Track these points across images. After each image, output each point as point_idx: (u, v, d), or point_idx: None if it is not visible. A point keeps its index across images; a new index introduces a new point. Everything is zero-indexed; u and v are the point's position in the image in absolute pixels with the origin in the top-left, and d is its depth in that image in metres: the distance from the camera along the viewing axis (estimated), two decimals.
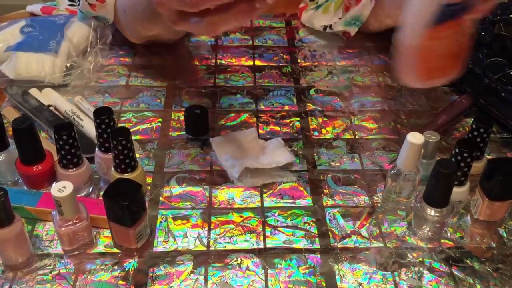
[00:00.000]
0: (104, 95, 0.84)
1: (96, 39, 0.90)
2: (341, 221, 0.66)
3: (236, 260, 0.61)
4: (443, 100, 0.86)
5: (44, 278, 0.58)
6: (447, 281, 0.59)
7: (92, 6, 0.83)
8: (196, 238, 0.63)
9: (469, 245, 0.63)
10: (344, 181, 0.71)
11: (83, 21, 0.89)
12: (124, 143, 0.61)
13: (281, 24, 1.04)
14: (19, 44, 0.85)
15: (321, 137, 0.78)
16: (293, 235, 0.64)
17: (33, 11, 1.00)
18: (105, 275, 0.59)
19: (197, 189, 0.69)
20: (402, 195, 0.65)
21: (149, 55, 0.92)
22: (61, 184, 0.56)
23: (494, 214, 0.65)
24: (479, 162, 0.67)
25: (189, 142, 0.76)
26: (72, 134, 0.62)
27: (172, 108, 0.83)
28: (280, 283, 0.58)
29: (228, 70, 0.91)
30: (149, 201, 0.67)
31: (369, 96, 0.86)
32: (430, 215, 0.61)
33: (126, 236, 0.59)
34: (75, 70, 0.86)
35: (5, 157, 0.66)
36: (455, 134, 0.80)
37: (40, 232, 0.63)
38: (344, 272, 0.60)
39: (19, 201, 0.63)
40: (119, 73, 0.90)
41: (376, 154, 0.75)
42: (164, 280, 0.58)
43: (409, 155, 0.61)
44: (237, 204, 0.67)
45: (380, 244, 0.63)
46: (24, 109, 0.77)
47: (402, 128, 0.80)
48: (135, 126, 0.79)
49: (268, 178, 0.70)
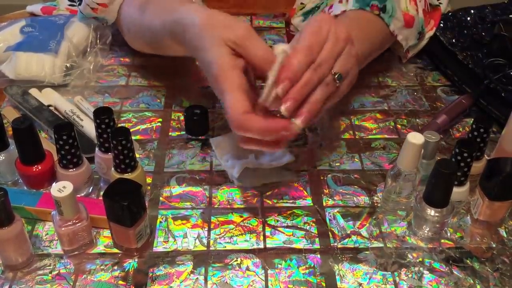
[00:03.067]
0: (104, 95, 0.84)
1: (96, 39, 0.90)
2: (341, 221, 0.66)
3: (236, 260, 0.61)
4: (443, 100, 0.86)
5: (44, 278, 0.58)
6: (447, 281, 0.59)
7: (94, 10, 0.83)
8: (196, 238, 0.63)
9: (469, 245, 0.63)
10: (344, 181, 0.71)
11: (83, 21, 0.88)
12: (124, 143, 0.61)
13: (281, 24, 1.04)
14: (19, 44, 0.85)
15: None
16: (293, 235, 0.64)
17: (33, 11, 1.00)
18: (105, 275, 0.59)
19: (197, 189, 0.69)
20: (402, 195, 0.65)
21: (149, 55, 0.92)
22: (61, 184, 0.56)
23: (494, 214, 0.65)
24: (479, 162, 0.67)
25: (189, 142, 0.76)
26: (72, 134, 0.62)
27: (172, 108, 0.83)
28: (280, 283, 0.58)
29: None
30: (149, 201, 0.67)
31: (369, 96, 0.86)
32: (430, 215, 0.61)
33: (126, 236, 0.59)
34: (75, 70, 0.86)
35: (5, 157, 0.66)
36: (455, 134, 0.80)
37: (40, 232, 0.63)
38: (344, 272, 0.60)
39: (19, 201, 0.63)
40: (119, 73, 0.90)
41: (376, 154, 0.75)
42: (164, 280, 0.58)
43: (409, 155, 0.61)
44: (237, 204, 0.67)
45: (380, 244, 0.63)
46: (24, 109, 0.77)
47: (402, 128, 0.80)
48: (135, 126, 0.79)
49: (268, 178, 0.70)
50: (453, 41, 0.89)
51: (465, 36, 0.90)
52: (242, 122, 0.57)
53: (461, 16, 0.93)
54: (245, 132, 0.58)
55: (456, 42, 0.89)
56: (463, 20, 0.93)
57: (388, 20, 0.77)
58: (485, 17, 0.93)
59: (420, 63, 0.94)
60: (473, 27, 0.91)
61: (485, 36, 0.89)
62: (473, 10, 0.94)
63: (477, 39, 0.89)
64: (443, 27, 0.91)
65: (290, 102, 0.58)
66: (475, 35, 0.89)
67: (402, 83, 0.90)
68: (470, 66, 0.84)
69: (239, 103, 0.57)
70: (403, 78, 0.91)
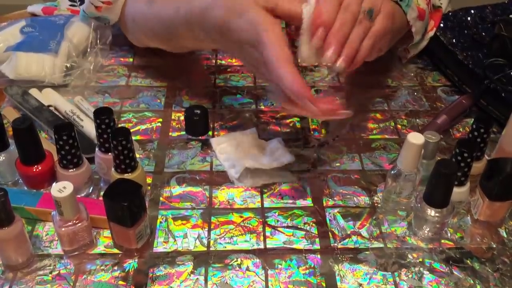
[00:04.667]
0: (104, 95, 0.84)
1: (96, 39, 0.90)
2: (341, 221, 0.66)
3: (236, 261, 0.61)
4: (443, 100, 0.86)
5: (44, 278, 0.58)
6: (447, 281, 0.59)
7: (98, 8, 0.83)
8: (196, 239, 0.63)
9: (470, 246, 0.63)
10: (344, 181, 0.71)
11: (84, 20, 0.88)
12: (124, 143, 0.61)
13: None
14: (19, 44, 0.85)
15: (321, 137, 0.78)
16: (293, 236, 0.64)
17: (34, 11, 1.00)
18: (105, 276, 0.59)
19: (197, 189, 0.69)
20: (402, 195, 0.65)
21: (149, 55, 0.92)
22: (61, 184, 0.56)
23: (494, 215, 0.65)
24: (479, 162, 0.67)
25: (189, 142, 0.76)
26: (72, 134, 0.62)
27: (172, 108, 0.83)
28: (280, 283, 0.58)
29: (228, 70, 0.91)
30: (149, 201, 0.67)
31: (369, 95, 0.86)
32: (430, 215, 0.61)
33: (126, 236, 0.59)
34: (75, 70, 0.86)
35: (5, 157, 0.66)
36: (455, 134, 0.80)
37: (40, 232, 0.63)
38: (344, 272, 0.60)
39: (19, 202, 0.63)
40: (119, 73, 0.90)
41: (376, 154, 0.75)
42: (164, 281, 0.58)
43: (409, 155, 0.61)
44: (237, 204, 0.67)
45: (381, 244, 0.63)
46: (24, 109, 0.77)
47: (402, 128, 0.80)
48: (135, 126, 0.79)
49: (268, 178, 0.70)
50: (453, 41, 0.89)
51: (465, 36, 0.90)
52: (305, 96, 0.58)
53: (461, 16, 0.93)
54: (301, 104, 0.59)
55: (456, 42, 0.89)
56: (463, 20, 0.93)
57: (405, 9, 0.77)
58: (485, 17, 0.93)
59: (420, 63, 0.94)
60: (473, 27, 0.91)
61: (485, 36, 0.89)
62: (473, 10, 0.94)
63: (477, 39, 0.89)
64: (443, 27, 0.91)
65: (332, 48, 0.58)
66: (475, 35, 0.90)
67: (402, 83, 0.90)
68: (470, 66, 0.84)
69: (286, 52, 0.58)
70: (403, 78, 0.91)
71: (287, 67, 0.58)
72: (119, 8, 0.83)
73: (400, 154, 0.62)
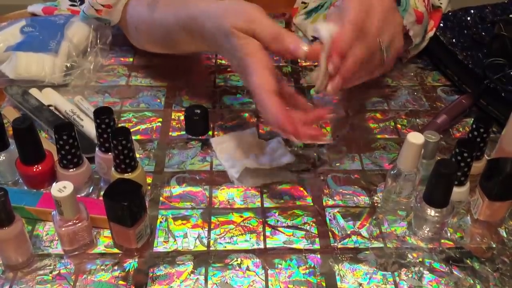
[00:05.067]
0: (104, 95, 0.84)
1: (96, 39, 0.90)
2: (341, 221, 0.66)
3: (236, 260, 0.61)
4: (443, 100, 0.86)
5: (44, 278, 0.58)
6: (447, 281, 0.59)
7: (98, 11, 0.83)
8: (196, 238, 0.63)
9: (469, 245, 0.63)
10: (344, 181, 0.71)
11: (84, 21, 0.88)
12: (124, 143, 0.61)
13: (281, 24, 1.04)
14: (19, 44, 0.85)
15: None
16: (293, 235, 0.64)
17: (34, 11, 1.00)
18: (105, 275, 0.59)
19: (197, 189, 0.69)
20: (402, 195, 0.65)
21: (149, 55, 0.92)
22: (61, 184, 0.57)
23: (494, 214, 0.65)
24: (479, 162, 0.67)
25: (189, 142, 0.76)
26: (72, 134, 0.62)
27: (172, 108, 0.83)
28: (280, 283, 0.58)
29: (228, 70, 0.91)
30: (149, 201, 0.67)
31: (369, 96, 0.86)
32: (430, 215, 0.61)
33: (126, 236, 0.59)
34: (75, 70, 0.86)
35: (5, 157, 0.67)
36: (455, 134, 0.80)
37: (40, 232, 0.63)
38: (344, 272, 0.60)
39: (19, 201, 0.63)
40: (119, 73, 0.90)
41: (376, 154, 0.76)
42: (164, 281, 0.58)
43: (409, 155, 0.61)
44: (237, 204, 0.67)
45: (380, 244, 0.63)
46: (24, 109, 0.77)
47: (402, 128, 0.80)
48: (135, 126, 0.79)
49: (268, 178, 0.70)
50: (453, 41, 0.89)
51: (465, 36, 0.90)
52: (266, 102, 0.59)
53: (461, 16, 0.93)
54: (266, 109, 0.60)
55: (456, 42, 0.89)
56: (463, 20, 0.93)
57: (402, 13, 0.76)
58: (485, 17, 0.93)
59: (420, 63, 0.94)
60: (473, 27, 0.91)
61: (485, 36, 0.89)
62: (473, 10, 0.94)
63: (477, 39, 0.89)
64: (443, 27, 0.91)
65: (338, 80, 0.60)
66: (475, 35, 0.90)
67: (402, 83, 0.90)
68: (470, 66, 0.84)
69: (268, 82, 0.59)
70: (403, 78, 0.91)
71: (271, 98, 0.59)
72: (119, 11, 0.83)
73: (400, 154, 0.62)
